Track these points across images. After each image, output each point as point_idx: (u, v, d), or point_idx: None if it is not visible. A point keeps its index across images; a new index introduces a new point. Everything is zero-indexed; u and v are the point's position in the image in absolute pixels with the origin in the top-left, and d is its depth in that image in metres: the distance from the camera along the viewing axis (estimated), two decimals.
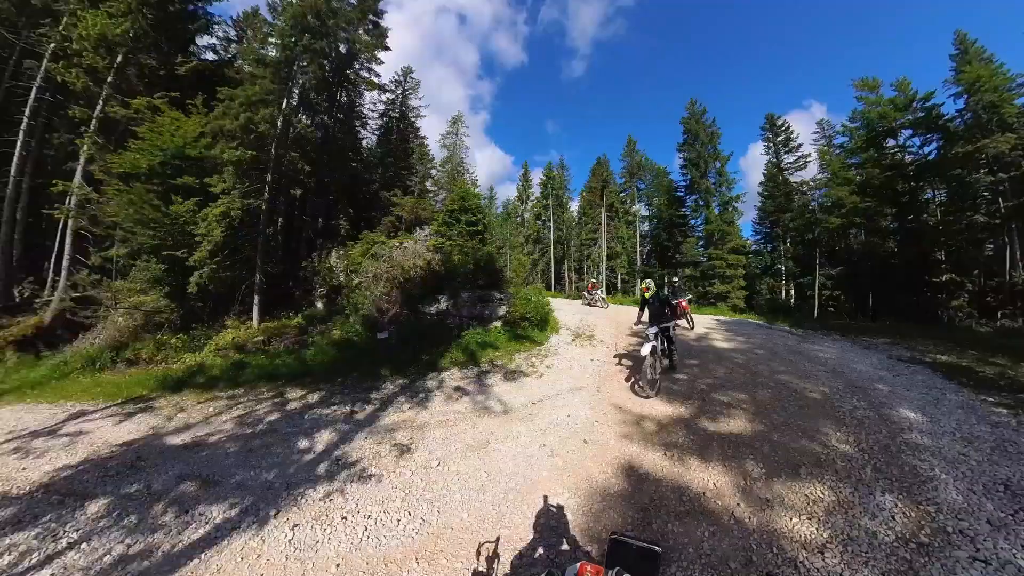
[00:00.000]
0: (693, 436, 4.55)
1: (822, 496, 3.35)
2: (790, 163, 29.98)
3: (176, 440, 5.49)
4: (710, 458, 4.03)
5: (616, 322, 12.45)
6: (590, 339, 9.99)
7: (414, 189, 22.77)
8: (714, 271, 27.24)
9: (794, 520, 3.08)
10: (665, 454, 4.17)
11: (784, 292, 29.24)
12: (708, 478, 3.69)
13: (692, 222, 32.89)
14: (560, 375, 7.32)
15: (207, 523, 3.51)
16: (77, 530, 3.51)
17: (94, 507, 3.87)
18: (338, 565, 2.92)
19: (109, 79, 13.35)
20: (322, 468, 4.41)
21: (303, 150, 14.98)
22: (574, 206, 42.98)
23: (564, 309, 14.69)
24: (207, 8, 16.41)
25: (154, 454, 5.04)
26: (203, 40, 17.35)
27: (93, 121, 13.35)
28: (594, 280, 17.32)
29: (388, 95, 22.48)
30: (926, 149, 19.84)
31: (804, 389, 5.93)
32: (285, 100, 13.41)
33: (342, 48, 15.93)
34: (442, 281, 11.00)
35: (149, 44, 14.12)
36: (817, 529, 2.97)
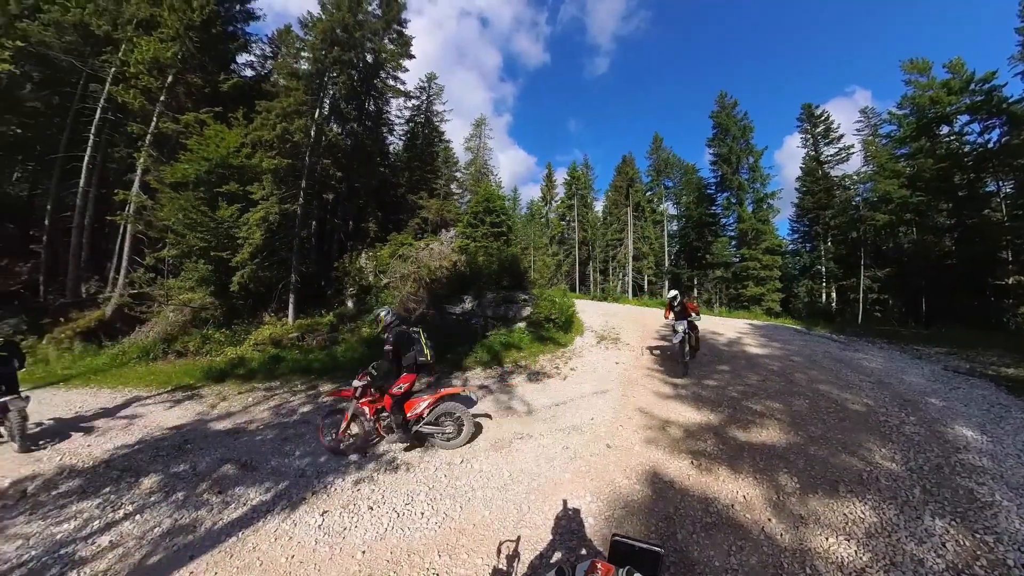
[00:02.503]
0: (723, 445, 4.40)
1: (863, 516, 3.15)
2: (830, 156, 27.95)
3: (219, 426, 5.91)
4: (740, 469, 3.88)
5: (643, 324, 12.19)
6: (615, 342, 9.83)
7: (439, 192, 23.19)
8: (747, 272, 25.99)
9: (830, 540, 2.92)
10: (692, 462, 4.05)
11: (824, 295, 27.44)
12: (738, 489, 3.55)
13: (723, 221, 31.56)
14: (584, 377, 7.25)
15: (245, 504, 3.76)
16: (132, 503, 3.86)
17: (147, 483, 4.25)
18: (364, 552, 3.03)
19: (161, 98, 14.57)
20: (351, 459, 4.59)
21: (335, 157, 15.66)
22: (599, 206, 42.30)
23: (589, 311, 14.51)
24: (245, 28, 17.72)
25: (199, 438, 5.46)
26: (242, 58, 18.57)
27: (148, 136, 14.59)
28: (676, 295, 7.47)
29: (413, 101, 23.03)
30: (987, 136, 18.03)
31: (846, 400, 5.59)
32: (317, 110, 14.10)
33: (369, 58, 16.50)
34: (467, 282, 11.13)
35: (195, 64, 15.26)
36: (856, 551, 2.80)
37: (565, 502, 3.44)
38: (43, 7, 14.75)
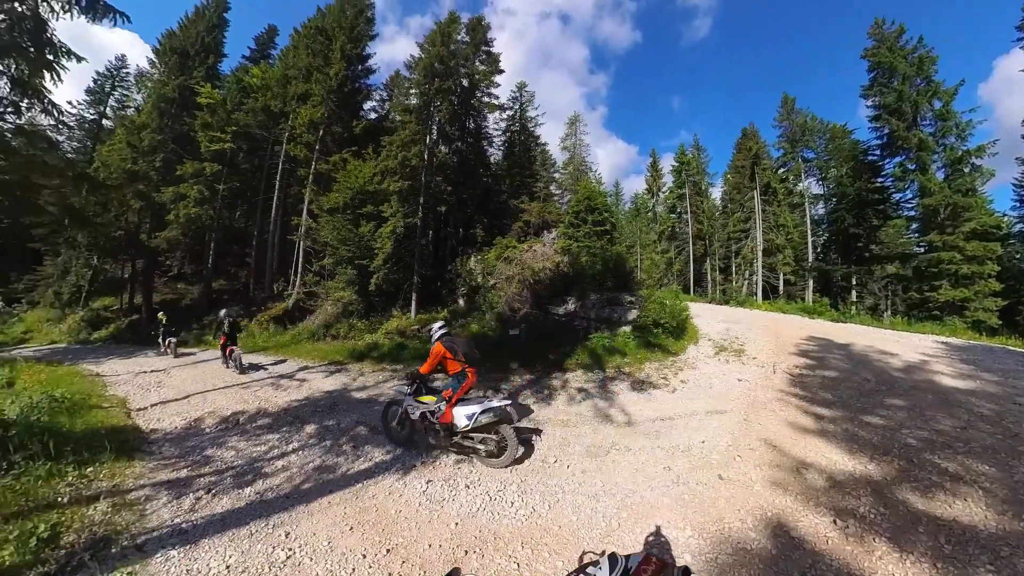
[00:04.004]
0: (885, 508, 3.34)
1: None
2: None
3: (357, 395, 7.33)
4: (911, 547, 2.87)
5: (776, 335, 10.35)
6: (738, 354, 8.57)
7: (539, 194, 23.68)
8: (939, 268, 18.57)
9: None
10: (835, 522, 3.20)
11: None
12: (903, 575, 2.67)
13: (896, 196, 23.12)
14: (696, 393, 6.53)
15: (370, 460, 4.61)
16: (298, 441, 5.21)
17: (308, 429, 5.64)
18: (456, 524, 3.35)
19: (317, 147, 19.69)
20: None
21: (444, 174, 17.95)
22: (716, 192, 36.74)
23: (705, 316, 12.96)
24: (366, 82, 23.26)
25: (343, 402, 6.89)
26: (367, 105, 24.24)
27: (310, 176, 19.80)
28: (442, 326, 4.90)
29: (507, 112, 24.40)
30: None
31: None
32: (427, 136, 16.40)
33: (464, 82, 18.41)
34: (570, 283, 11.10)
35: (336, 118, 20.28)
36: None
37: (659, 529, 3.16)
38: (244, 101, 22.23)
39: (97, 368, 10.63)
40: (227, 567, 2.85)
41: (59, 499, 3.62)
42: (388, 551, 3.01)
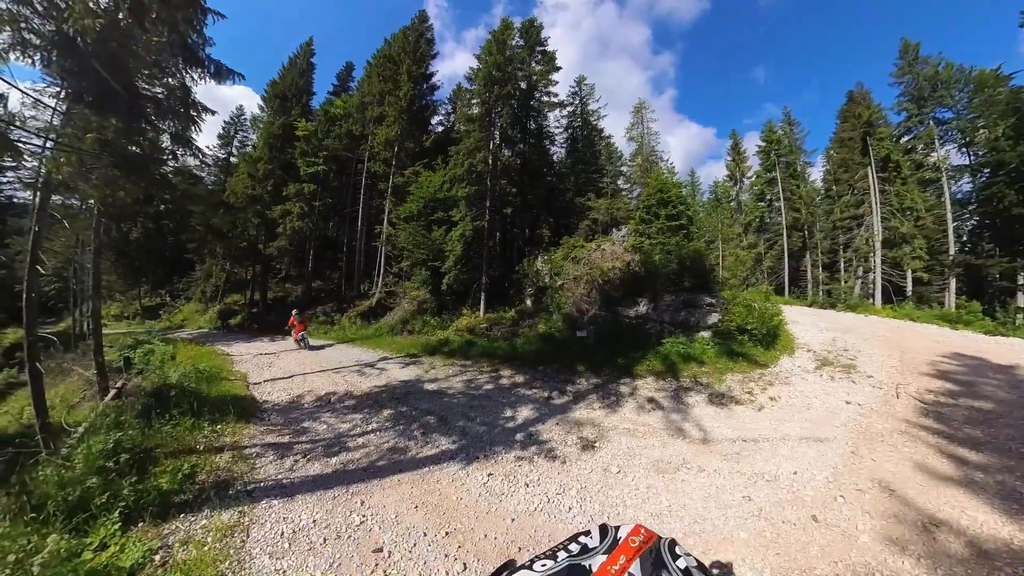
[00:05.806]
0: None
1: None
2: None
3: (428, 387, 7.82)
4: None
5: (901, 348, 8.66)
6: (848, 370, 7.33)
7: (606, 190, 22.79)
8: None
9: None
10: None
11: None
12: None
13: None
14: (790, 413, 5.73)
15: (437, 447, 4.93)
16: (377, 422, 5.81)
17: (385, 412, 6.26)
18: (513, 520, 3.41)
19: (393, 162, 22.07)
20: (518, 437, 5.19)
21: (509, 177, 18.41)
22: (815, 173, 31.52)
23: (803, 322, 11.32)
24: (433, 99, 25.60)
25: (415, 392, 7.43)
26: (434, 119, 26.49)
27: (388, 189, 22.25)
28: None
29: (568, 108, 24.00)
30: None
31: None
32: (491, 142, 16.88)
33: (522, 85, 18.49)
34: (641, 283, 10.54)
35: (407, 134, 22.44)
36: None
37: (730, 566, 2.81)
38: (331, 129, 25.47)
39: (227, 349, 12.96)
40: (313, 521, 3.33)
41: (197, 447, 4.65)
42: (447, 533, 3.20)
